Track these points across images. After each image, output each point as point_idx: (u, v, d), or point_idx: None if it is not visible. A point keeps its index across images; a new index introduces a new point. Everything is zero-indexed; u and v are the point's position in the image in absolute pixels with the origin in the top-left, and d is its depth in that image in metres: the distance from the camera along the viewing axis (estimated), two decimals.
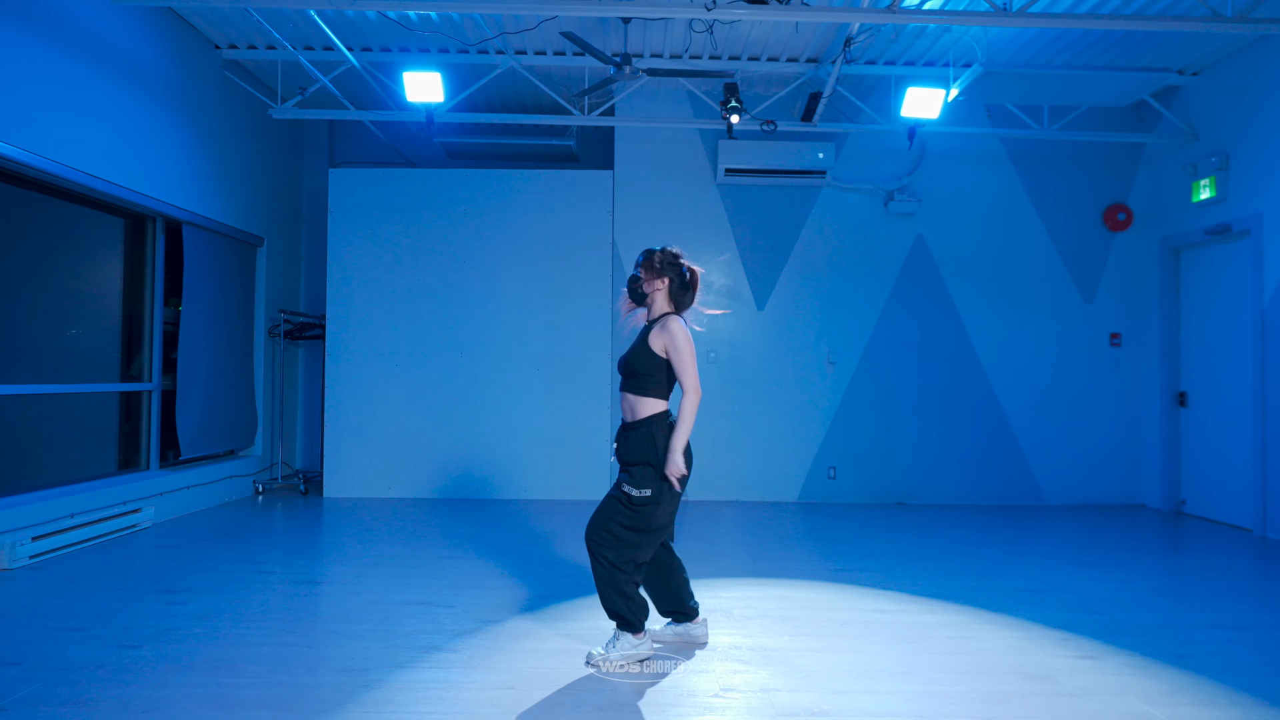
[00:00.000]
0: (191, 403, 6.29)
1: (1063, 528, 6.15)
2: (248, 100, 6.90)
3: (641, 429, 3.13)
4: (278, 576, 4.36)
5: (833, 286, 7.26)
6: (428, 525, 5.92)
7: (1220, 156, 6.23)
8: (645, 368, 3.17)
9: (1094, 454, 7.24)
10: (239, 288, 7.01)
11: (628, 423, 3.20)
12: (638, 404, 3.17)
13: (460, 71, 6.78)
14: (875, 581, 4.43)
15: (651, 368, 3.16)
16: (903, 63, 6.55)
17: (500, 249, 7.25)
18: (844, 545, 5.42)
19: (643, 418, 3.15)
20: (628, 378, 3.22)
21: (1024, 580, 4.50)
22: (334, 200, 7.24)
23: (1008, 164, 7.28)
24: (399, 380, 7.20)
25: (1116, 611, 3.90)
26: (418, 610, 3.76)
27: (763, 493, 7.22)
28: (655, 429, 3.13)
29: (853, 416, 7.23)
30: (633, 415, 3.17)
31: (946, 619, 3.76)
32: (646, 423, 3.14)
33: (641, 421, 3.15)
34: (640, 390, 3.17)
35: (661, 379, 3.17)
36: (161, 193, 5.90)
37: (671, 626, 3.38)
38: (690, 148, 7.29)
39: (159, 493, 5.92)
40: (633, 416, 3.17)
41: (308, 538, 5.52)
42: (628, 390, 3.21)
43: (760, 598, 4.07)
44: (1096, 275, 7.29)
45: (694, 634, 3.37)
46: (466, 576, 4.40)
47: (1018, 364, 7.26)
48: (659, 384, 3.17)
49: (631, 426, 3.17)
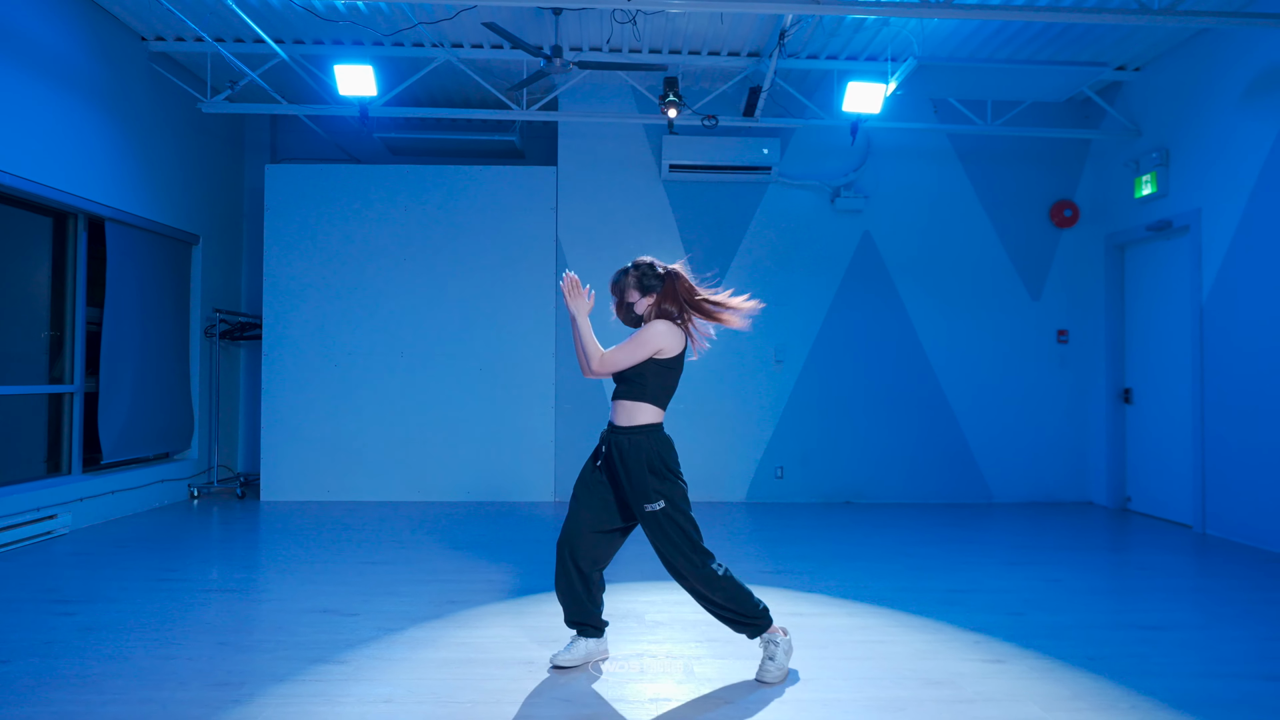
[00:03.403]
0: (116, 405, 6.10)
1: (1006, 526, 6.10)
2: (178, 94, 6.72)
3: (636, 436, 2.96)
4: (185, 584, 4.21)
5: (779, 284, 7.18)
6: (359, 529, 5.78)
7: (1161, 152, 6.21)
8: (633, 371, 2.98)
9: (1042, 451, 7.21)
10: (171, 287, 6.83)
11: (619, 427, 3.01)
12: (633, 410, 2.99)
13: (396, 65, 6.64)
14: (802, 584, 4.35)
15: (640, 371, 2.97)
16: (844, 57, 6.48)
17: (442, 247, 7.11)
18: (783, 546, 5.34)
19: (637, 424, 2.98)
20: (619, 382, 3.04)
21: (952, 580, 4.43)
22: (270, 197, 7.07)
23: (955, 160, 7.23)
24: (338, 381, 7.05)
25: (1037, 612, 3.84)
26: (318, 619, 3.63)
27: (710, 493, 7.13)
28: (652, 438, 2.96)
29: (800, 415, 7.16)
30: (628, 420, 3.00)
31: (863, 622, 3.68)
32: (642, 430, 2.97)
33: (636, 428, 2.97)
34: (633, 395, 2.99)
35: (656, 385, 2.98)
36: (82, 189, 5.71)
37: (576, 643, 3.16)
38: (635, 144, 7.18)
39: (79, 498, 5.73)
40: (627, 422, 3.00)
41: (231, 543, 5.37)
42: (622, 396, 3.02)
43: (678, 602, 3.96)
44: (1044, 272, 7.26)
45: (599, 650, 3.22)
46: (381, 583, 4.27)
47: (965, 361, 7.21)
48: (654, 390, 2.99)
49: (624, 432, 2.99)
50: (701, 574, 2.93)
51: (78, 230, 5.93)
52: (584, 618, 3.15)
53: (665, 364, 3.00)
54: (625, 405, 3.02)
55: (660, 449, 2.98)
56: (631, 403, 3.01)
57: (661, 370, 3.00)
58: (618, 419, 3.04)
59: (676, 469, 3.02)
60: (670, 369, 3.03)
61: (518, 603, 3.95)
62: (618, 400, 3.05)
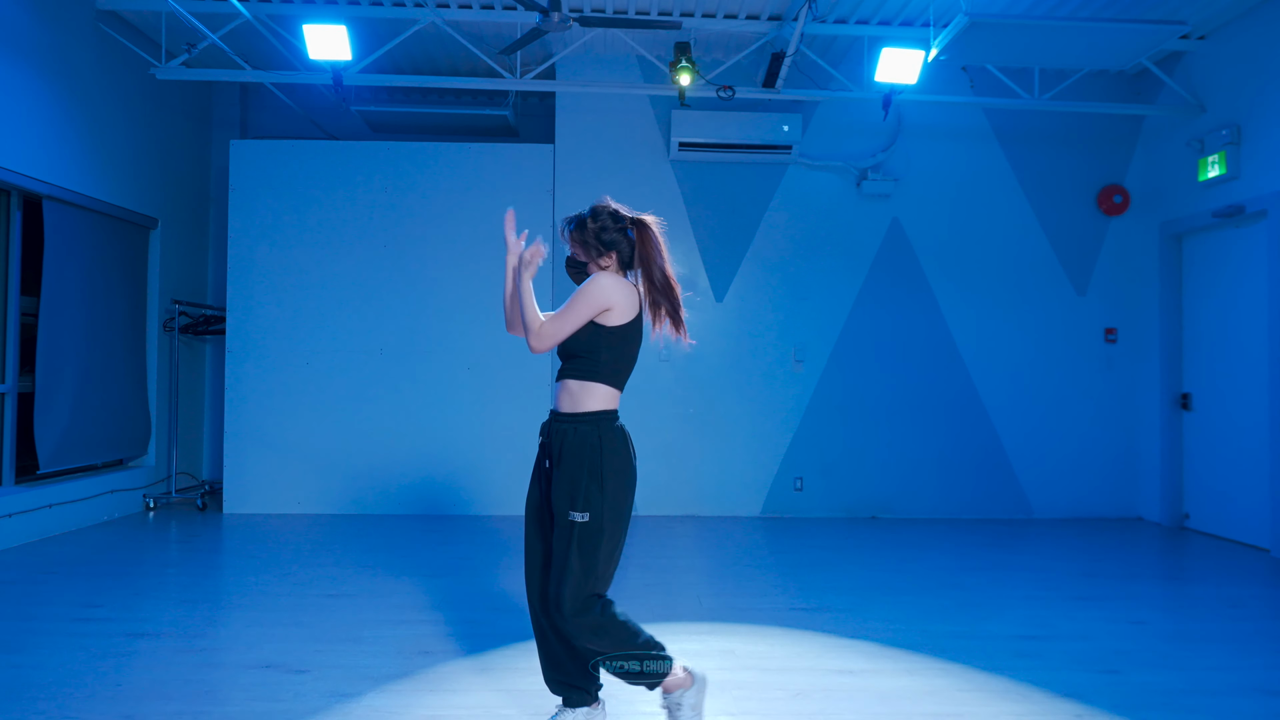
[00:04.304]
0: (55, 407, 5.40)
1: (1055, 548, 5.43)
2: (130, 59, 6.00)
3: (583, 425, 2.36)
4: (107, 626, 3.52)
5: (800, 276, 6.49)
6: (328, 549, 5.10)
7: (1231, 129, 5.53)
8: (580, 345, 2.37)
9: (1087, 461, 6.54)
10: (123, 275, 6.12)
11: (563, 414, 2.40)
12: (580, 392, 2.37)
13: (373, 27, 5.93)
14: (842, 626, 3.67)
15: (591, 344, 2.37)
16: (876, 22, 5.79)
17: (427, 232, 6.41)
18: (809, 573, 4.67)
19: (584, 410, 2.37)
20: (565, 359, 2.42)
21: (1018, 622, 3.76)
22: (236, 176, 6.36)
23: (993, 140, 6.55)
24: (310, 381, 6.34)
25: (1135, 669, 3.16)
26: (258, 679, 2.94)
27: (722, 506, 6.45)
28: (602, 429, 2.35)
29: (821, 421, 6.48)
30: (573, 405, 2.38)
31: (928, 684, 3.00)
32: (591, 418, 2.36)
33: (583, 415, 2.36)
34: (582, 374, 2.38)
35: (610, 358, 2.38)
36: (14, 162, 5.00)
37: (563, 716, 2.48)
38: (640, 119, 6.49)
39: (8, 513, 5.03)
40: (572, 408, 2.38)
41: (178, 568, 4.68)
42: (568, 375, 2.40)
43: (699, 652, 3.29)
44: (1090, 264, 6.58)
45: None
46: (342, 625, 3.59)
47: (1003, 362, 6.53)
48: (608, 366, 2.38)
49: (569, 419, 2.38)
50: (581, 621, 2.28)
51: (10, 209, 5.22)
52: (567, 679, 2.48)
53: (619, 332, 2.39)
54: (571, 386, 2.40)
55: (606, 445, 2.34)
56: (579, 382, 2.39)
57: (615, 340, 2.39)
58: (561, 404, 2.41)
59: (624, 473, 2.36)
60: (626, 339, 2.41)
61: (504, 653, 3.27)
62: (563, 380, 2.42)
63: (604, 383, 2.39)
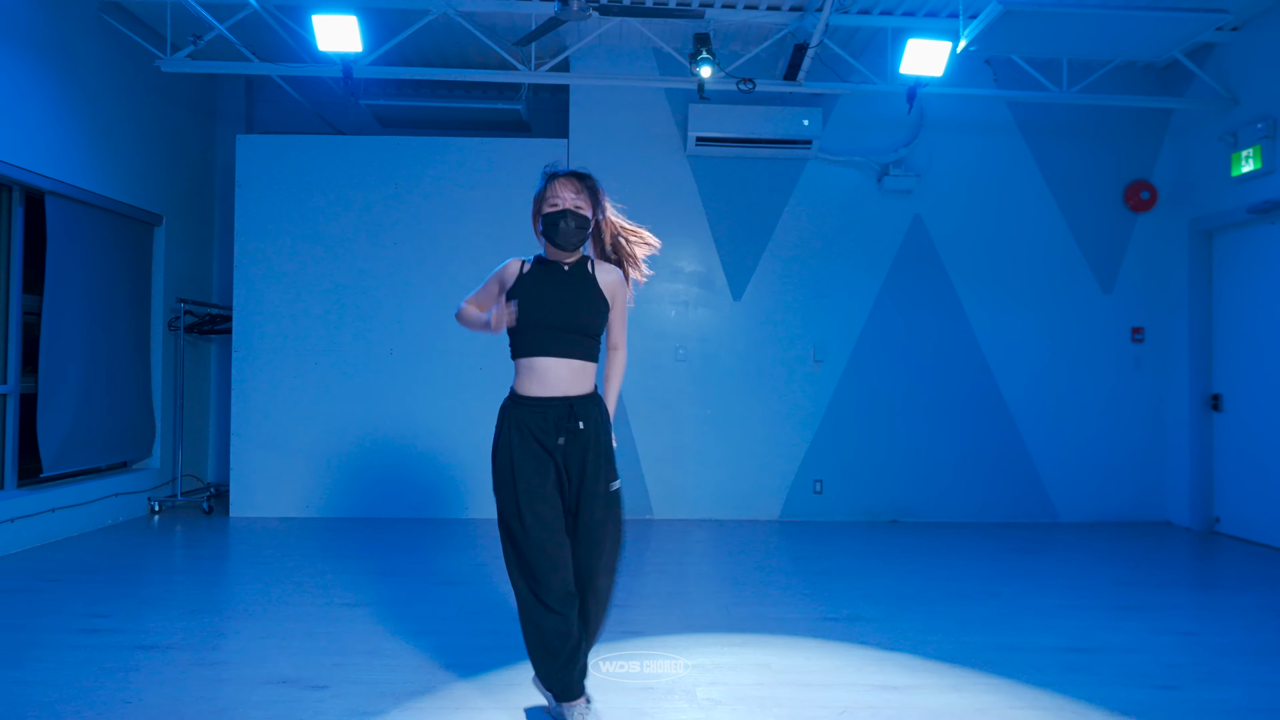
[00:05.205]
0: (58, 409, 5.26)
1: (1085, 554, 5.28)
2: (135, 51, 5.85)
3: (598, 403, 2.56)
4: (113, 639, 3.37)
5: (819, 274, 6.34)
6: (340, 556, 4.95)
7: (1268, 122, 5.38)
8: (600, 327, 2.57)
9: (1114, 464, 6.38)
10: (128, 272, 5.97)
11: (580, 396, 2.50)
12: (591, 372, 2.54)
13: (384, 18, 5.78)
14: (878, 638, 3.52)
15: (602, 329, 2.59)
16: (901, 12, 5.64)
17: (438, 229, 6.26)
18: (835, 580, 4.52)
19: (593, 388, 2.56)
20: (585, 337, 2.45)
21: (1062, 633, 3.60)
22: (242, 171, 6.21)
23: (1017, 135, 6.40)
24: (319, 382, 6.20)
25: (1193, 684, 3.01)
26: (274, 696, 2.79)
27: (740, 510, 6.30)
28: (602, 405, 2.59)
29: (841, 422, 6.32)
30: (585, 387, 2.51)
31: (977, 701, 2.85)
32: (598, 396, 2.58)
33: (594, 394, 2.56)
34: (593, 355, 2.55)
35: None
36: (17, 156, 4.86)
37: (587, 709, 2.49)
38: (657, 114, 6.34)
39: (11, 518, 4.88)
40: (587, 389, 2.52)
41: (184, 574, 4.53)
42: (577, 355, 2.45)
43: (734, 666, 3.14)
44: (1117, 262, 6.43)
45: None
46: (361, 636, 3.44)
47: (1027, 362, 6.38)
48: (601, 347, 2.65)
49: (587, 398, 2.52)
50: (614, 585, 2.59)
51: (12, 205, 5.08)
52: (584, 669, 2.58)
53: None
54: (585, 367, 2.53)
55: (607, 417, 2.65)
56: (589, 363, 2.54)
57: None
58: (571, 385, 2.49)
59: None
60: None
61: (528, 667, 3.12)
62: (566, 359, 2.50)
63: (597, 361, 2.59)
